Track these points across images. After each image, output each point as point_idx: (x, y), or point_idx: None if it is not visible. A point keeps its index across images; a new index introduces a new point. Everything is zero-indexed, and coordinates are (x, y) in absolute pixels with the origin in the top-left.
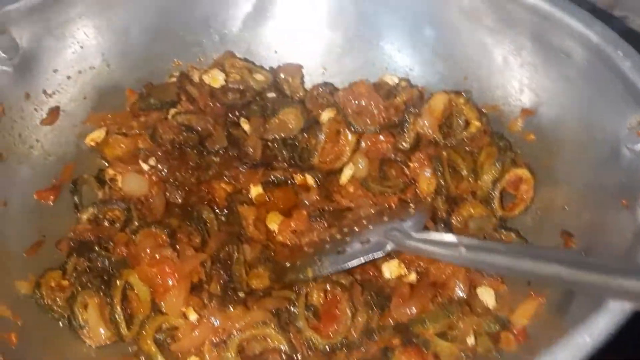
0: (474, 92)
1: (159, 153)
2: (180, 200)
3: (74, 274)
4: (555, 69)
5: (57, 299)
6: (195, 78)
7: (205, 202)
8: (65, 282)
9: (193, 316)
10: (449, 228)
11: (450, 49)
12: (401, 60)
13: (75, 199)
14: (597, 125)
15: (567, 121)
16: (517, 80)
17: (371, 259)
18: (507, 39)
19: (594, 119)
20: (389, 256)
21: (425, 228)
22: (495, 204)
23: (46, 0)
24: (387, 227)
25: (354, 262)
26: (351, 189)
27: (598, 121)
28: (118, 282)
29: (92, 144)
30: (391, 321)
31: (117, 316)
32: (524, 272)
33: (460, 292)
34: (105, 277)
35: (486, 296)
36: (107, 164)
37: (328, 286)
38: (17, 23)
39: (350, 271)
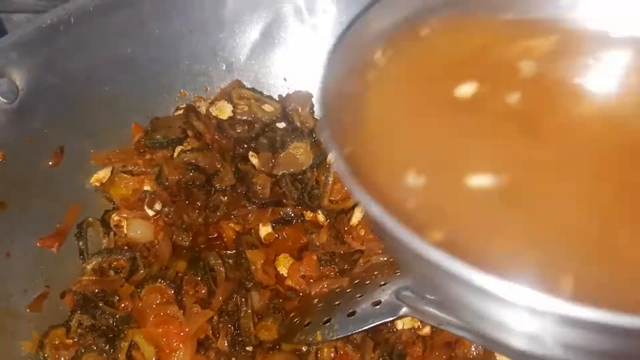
0: None
1: (165, 196)
2: (187, 243)
3: (78, 331)
4: None
5: (62, 358)
6: (202, 110)
7: (214, 247)
8: (69, 341)
9: None
10: None
11: None
12: None
13: (80, 244)
14: None
15: None
16: None
17: (382, 322)
18: None
19: None
20: None
21: None
22: None
23: (44, 33)
24: (400, 285)
25: (364, 327)
26: (362, 232)
27: None
28: (123, 344)
29: (97, 184)
30: None
31: None
32: None
33: (475, 351)
34: (110, 335)
35: (504, 356)
36: (112, 204)
37: (339, 343)
38: (17, 65)
39: None
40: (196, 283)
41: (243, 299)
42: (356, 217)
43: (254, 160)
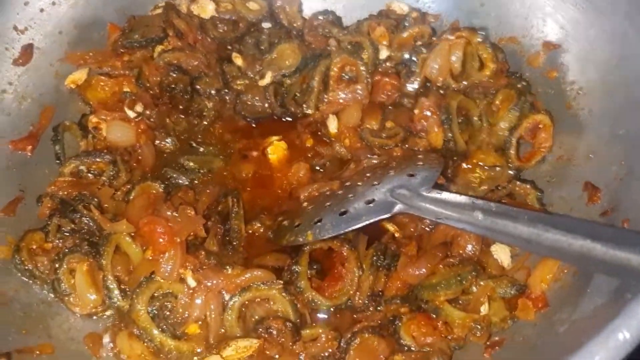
0: (491, 21)
1: (146, 98)
2: (171, 148)
3: (58, 236)
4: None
5: (39, 263)
6: (183, 8)
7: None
8: (47, 245)
9: (192, 282)
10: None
11: None
12: None
13: (57, 148)
14: (630, 63)
15: (595, 58)
16: (539, 8)
17: (376, 220)
18: None
19: (626, 56)
20: None
21: (437, 186)
22: (512, 153)
23: None
24: (394, 184)
25: (357, 225)
26: (347, 142)
27: (631, 58)
28: (107, 248)
29: (72, 86)
30: (399, 284)
31: (109, 282)
32: (549, 248)
33: (472, 250)
34: (92, 239)
35: (501, 254)
36: (89, 109)
37: (336, 242)
38: None
39: None
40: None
41: (235, 199)
42: (332, 126)
43: (239, 61)
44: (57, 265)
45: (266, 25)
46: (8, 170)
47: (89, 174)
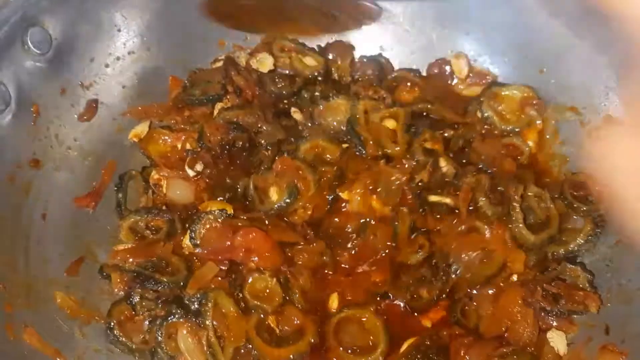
0: (550, 88)
1: (207, 157)
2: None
3: (144, 305)
4: None
5: (133, 336)
6: (242, 61)
7: None
8: (138, 318)
9: None
10: None
11: (526, 36)
12: (468, 44)
13: (120, 196)
14: None
15: None
16: (602, 81)
17: None
18: (591, 31)
19: None
20: None
21: None
22: None
23: None
24: None
25: None
26: None
27: None
28: (209, 304)
29: (135, 139)
30: None
31: (212, 341)
32: None
33: (529, 337)
34: (177, 300)
35: (557, 341)
36: (150, 163)
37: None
38: (50, 13)
39: None
40: None
41: None
42: None
43: (297, 116)
44: (157, 334)
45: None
46: (72, 229)
47: (147, 230)
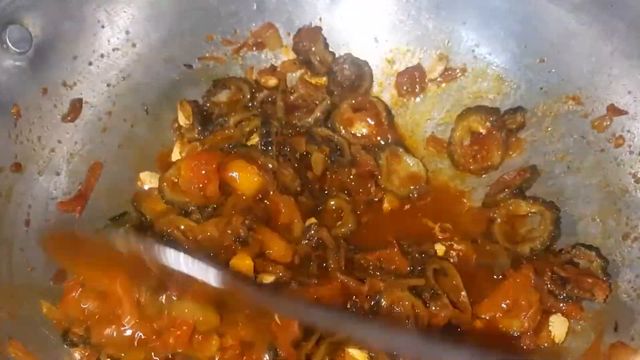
0: (551, 78)
1: None
2: None
3: None
4: None
5: None
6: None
7: None
8: None
9: None
10: None
11: (526, 25)
12: (466, 34)
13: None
14: None
15: None
16: (606, 70)
17: None
18: (596, 20)
19: None
20: None
21: None
22: None
23: None
24: None
25: None
26: None
27: None
28: None
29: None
30: None
31: None
32: None
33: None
34: None
35: (557, 326)
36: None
37: None
38: (30, 10)
39: None
40: None
41: None
42: None
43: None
44: None
45: None
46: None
47: None
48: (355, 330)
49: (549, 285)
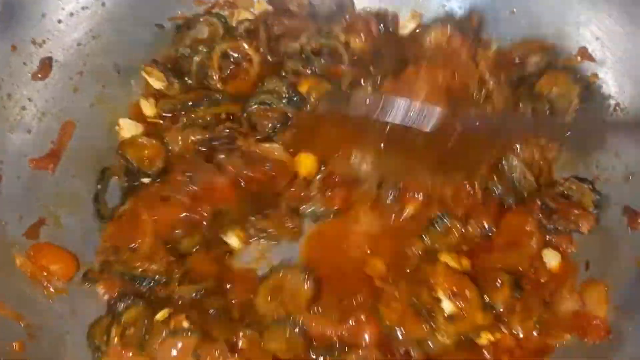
0: (521, 29)
1: None
2: None
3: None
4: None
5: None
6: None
7: None
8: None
9: None
10: None
11: None
12: None
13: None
14: None
15: (634, 72)
16: (573, 17)
17: None
18: None
19: None
20: None
21: None
22: None
23: None
24: None
25: None
26: None
27: None
28: None
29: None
30: None
31: None
32: None
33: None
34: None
35: (550, 257)
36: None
37: None
38: None
39: None
40: None
41: None
42: None
43: None
44: None
45: None
46: (30, 191)
47: None
48: None
49: (540, 216)
